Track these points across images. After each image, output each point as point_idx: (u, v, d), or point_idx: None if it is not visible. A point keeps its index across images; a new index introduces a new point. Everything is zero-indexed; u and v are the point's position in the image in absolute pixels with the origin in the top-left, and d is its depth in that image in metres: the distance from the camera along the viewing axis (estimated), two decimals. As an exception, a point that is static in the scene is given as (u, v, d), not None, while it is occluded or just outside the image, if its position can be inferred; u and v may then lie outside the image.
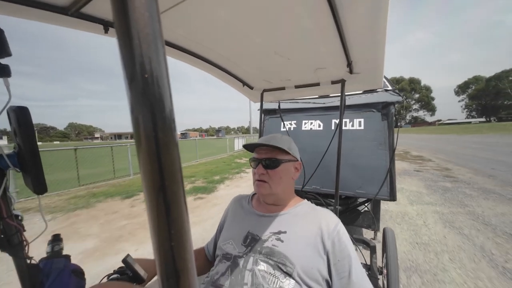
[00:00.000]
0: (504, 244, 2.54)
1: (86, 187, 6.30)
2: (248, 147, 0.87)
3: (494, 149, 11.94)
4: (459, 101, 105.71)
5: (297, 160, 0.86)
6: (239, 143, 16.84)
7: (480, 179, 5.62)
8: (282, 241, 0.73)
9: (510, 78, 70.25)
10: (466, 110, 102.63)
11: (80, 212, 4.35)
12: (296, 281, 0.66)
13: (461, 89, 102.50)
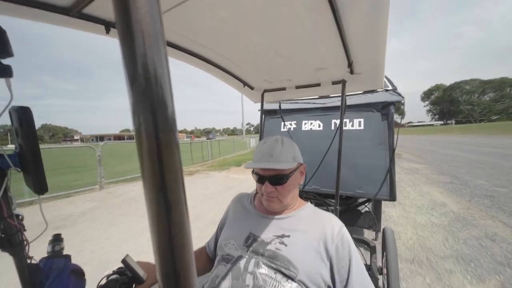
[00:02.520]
0: (404, 170, 7.28)
1: (200, 164, 10.62)
2: (252, 168, 0.78)
3: (435, 144, 18.77)
4: (424, 106, 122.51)
5: (302, 164, 0.84)
6: (251, 142, 22.37)
7: (413, 157, 10.76)
8: (285, 245, 0.72)
9: (461, 89, 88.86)
10: (430, 114, 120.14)
11: (227, 170, 8.39)
12: (298, 285, 0.66)
13: (426, 95, 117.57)
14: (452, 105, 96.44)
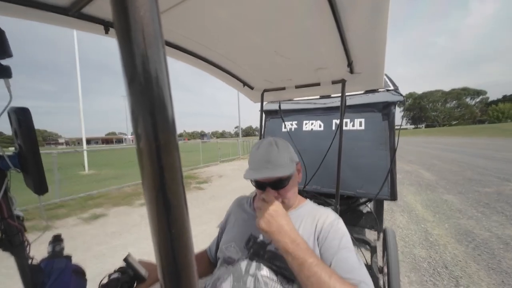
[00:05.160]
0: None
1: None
2: (254, 179, 0.75)
3: (402, 142, 22.77)
4: (400, 112, 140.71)
5: (298, 162, 0.83)
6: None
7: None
8: None
9: (428, 97, 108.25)
10: (405, 118, 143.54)
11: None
12: (299, 286, 0.65)
13: (401, 102, 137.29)
14: (421, 111, 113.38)
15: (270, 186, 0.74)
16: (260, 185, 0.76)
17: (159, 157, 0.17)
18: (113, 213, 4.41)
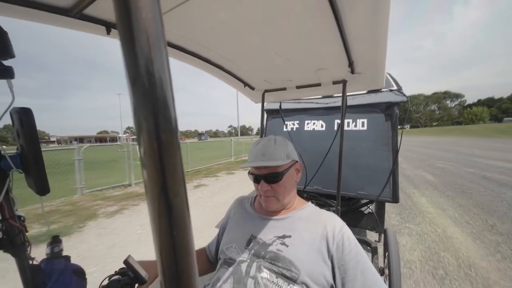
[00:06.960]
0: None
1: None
2: (247, 167, 0.80)
3: None
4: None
5: (297, 161, 0.83)
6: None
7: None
8: (287, 246, 0.71)
9: (412, 100, 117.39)
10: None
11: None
12: (301, 287, 0.65)
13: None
14: (405, 113, 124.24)
15: (264, 179, 0.76)
16: (256, 178, 0.78)
17: (161, 158, 0.17)
18: (209, 179, 7.46)
